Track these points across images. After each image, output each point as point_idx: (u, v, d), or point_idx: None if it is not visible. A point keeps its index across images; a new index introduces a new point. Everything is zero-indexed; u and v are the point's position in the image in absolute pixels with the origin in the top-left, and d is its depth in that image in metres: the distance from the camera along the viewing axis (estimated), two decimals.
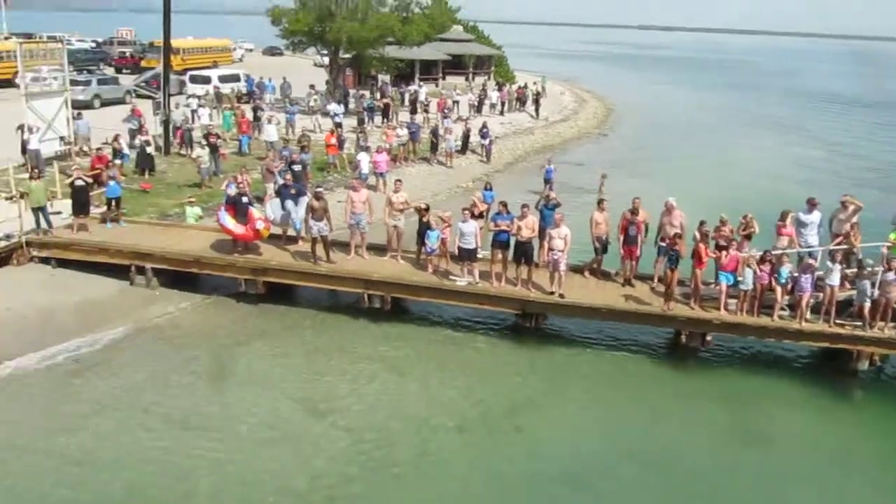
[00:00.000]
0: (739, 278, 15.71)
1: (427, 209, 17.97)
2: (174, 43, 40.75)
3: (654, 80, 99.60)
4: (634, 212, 17.11)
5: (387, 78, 49.56)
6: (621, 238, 17.21)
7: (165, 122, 29.11)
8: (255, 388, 14.53)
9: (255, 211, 18.19)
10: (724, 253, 15.86)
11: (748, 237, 16.58)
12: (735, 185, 33.02)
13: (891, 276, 15.01)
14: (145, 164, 25.72)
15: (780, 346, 16.69)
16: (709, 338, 16.32)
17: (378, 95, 42.10)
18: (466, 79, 59.12)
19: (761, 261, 15.77)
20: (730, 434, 14.07)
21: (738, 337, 16.63)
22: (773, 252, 15.99)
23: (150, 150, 26.05)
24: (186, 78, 44.71)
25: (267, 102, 40.30)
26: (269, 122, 30.30)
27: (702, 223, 16.51)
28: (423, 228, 17.55)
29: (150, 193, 23.85)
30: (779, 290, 15.63)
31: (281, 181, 19.53)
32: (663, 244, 16.99)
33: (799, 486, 12.54)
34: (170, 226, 20.69)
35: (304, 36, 42.14)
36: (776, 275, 15.65)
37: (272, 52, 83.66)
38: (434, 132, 33.20)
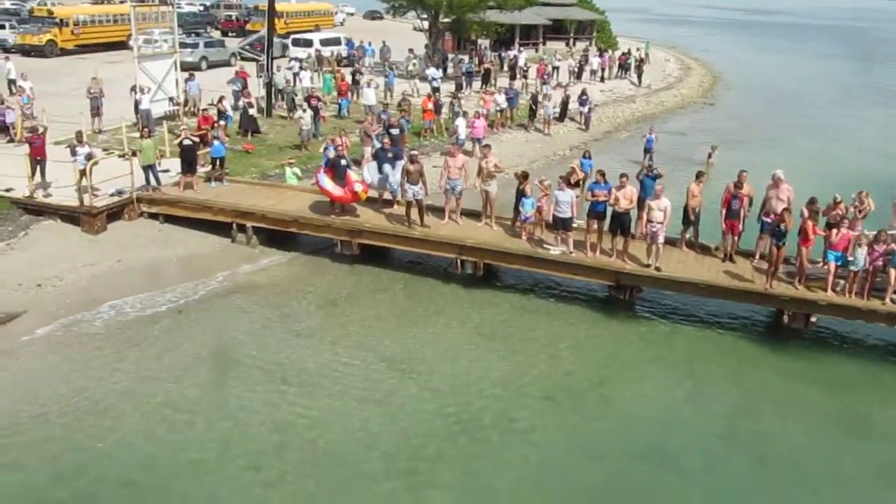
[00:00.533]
0: (850, 258, 14.92)
1: (526, 176, 17.77)
2: (278, 7, 41.41)
3: (764, 47, 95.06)
4: (739, 185, 16.45)
5: (486, 43, 49.07)
6: (724, 212, 16.58)
7: (268, 85, 29.71)
8: (348, 347, 14.82)
9: (352, 174, 18.41)
10: (834, 231, 15.07)
11: (862, 215, 15.70)
12: (848, 160, 31.38)
13: None
14: (248, 125, 26.38)
15: (891, 333, 15.80)
16: (813, 319, 15.63)
17: (476, 61, 41.77)
18: (567, 44, 58.01)
19: (875, 241, 14.90)
20: (830, 420, 13.49)
21: (845, 320, 15.87)
22: (890, 232, 15.10)
23: (252, 111, 26.66)
24: (289, 41, 45.48)
25: (366, 66, 40.62)
26: (369, 85, 30.53)
27: (811, 200, 15.74)
28: (520, 195, 17.38)
29: (253, 154, 24.49)
30: (893, 272, 14.75)
31: (378, 145, 19.66)
32: (767, 219, 16.30)
33: None
34: (270, 186, 21.20)
35: (404, 0, 42.10)
36: (890, 256, 14.76)
37: (373, 15, 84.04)
38: (534, 98, 32.73)
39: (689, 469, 11.94)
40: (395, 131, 22.97)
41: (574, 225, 16.87)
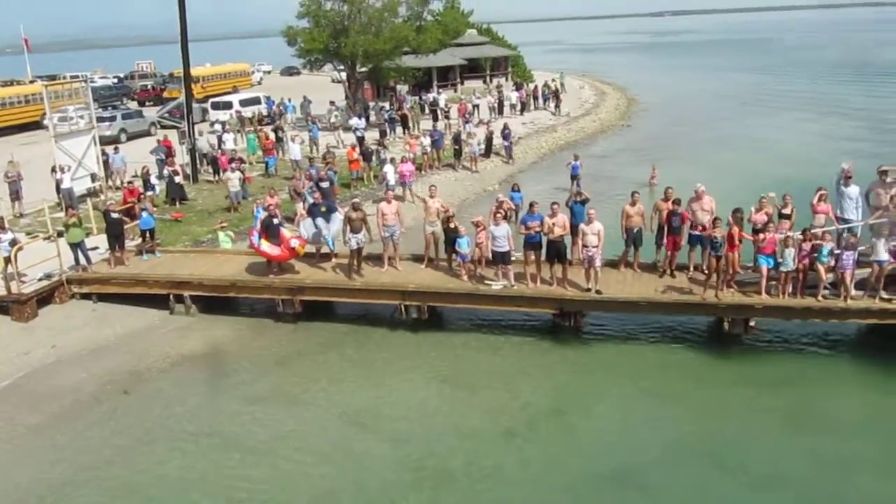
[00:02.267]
0: (779, 260, 15.44)
1: (451, 216, 17.93)
2: (193, 71, 41.24)
3: (673, 66, 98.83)
4: (676, 201, 16.90)
5: (405, 88, 49.74)
6: (666, 227, 16.98)
7: (192, 151, 29.49)
8: (300, 406, 14.60)
9: (286, 231, 18.32)
10: (761, 235, 15.59)
11: (786, 217, 16.30)
12: (766, 166, 32.59)
13: None
14: (176, 193, 26.07)
15: (827, 327, 16.35)
16: (752, 323, 16.09)
17: (396, 106, 42.23)
18: (484, 81, 59.17)
19: (802, 240, 15.46)
20: (783, 420, 13.74)
21: (782, 320, 16.37)
22: (813, 231, 15.70)
23: (178, 179, 26.36)
24: (208, 105, 45.29)
25: (289, 122, 40.68)
26: (293, 141, 30.56)
27: (735, 210, 16.26)
28: (452, 235, 17.53)
29: (183, 222, 24.17)
30: (821, 268, 15.32)
31: (311, 200, 19.64)
32: (694, 232, 16.78)
33: (862, 470, 12.20)
34: (204, 252, 20.93)
35: (319, 53, 42.43)
36: (817, 254, 15.34)
37: (290, 71, 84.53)
38: (456, 138, 33.21)
39: (655, 485, 12.01)
40: (324, 184, 23.00)
41: (512, 258, 17.06)
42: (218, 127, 35.09)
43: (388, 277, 18.03)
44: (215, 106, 44.61)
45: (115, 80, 70.00)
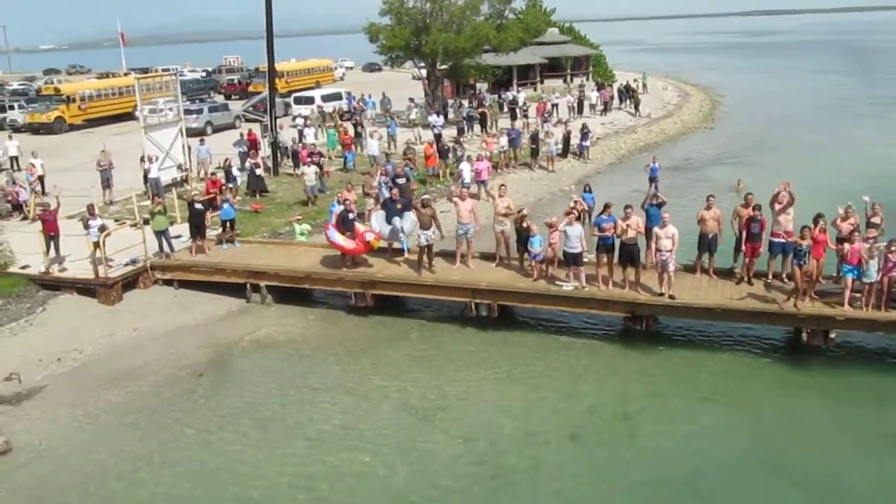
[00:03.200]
0: (864, 270, 14.85)
1: (524, 215, 17.87)
2: (278, 67, 42.24)
3: (760, 67, 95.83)
4: (757, 207, 16.46)
5: (484, 86, 49.74)
6: (744, 234, 16.57)
7: (273, 144, 30.19)
8: (369, 398, 14.81)
9: (359, 226, 18.60)
10: (846, 245, 15.04)
11: (874, 227, 15.68)
12: (854, 174, 31.26)
13: None
14: (256, 185, 26.74)
15: None
16: (832, 335, 15.52)
17: (476, 104, 42.30)
18: (564, 80, 58.65)
19: (888, 250, 14.83)
20: (857, 437, 13.20)
21: (864, 333, 15.77)
22: None
23: (259, 171, 27.04)
24: (291, 100, 46.28)
25: (368, 118, 41.22)
26: (372, 136, 30.97)
27: (818, 216, 15.72)
28: (524, 235, 17.49)
29: (262, 213, 24.78)
30: None
31: (387, 195, 19.87)
32: (777, 239, 16.29)
33: None
34: (281, 244, 21.42)
35: (401, 50, 42.88)
36: None
37: (371, 68, 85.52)
38: (534, 137, 33.04)
39: (719, 495, 11.76)
40: (401, 181, 23.22)
41: (584, 259, 16.92)
42: (300, 121, 35.80)
43: (459, 275, 18.11)
44: (298, 101, 45.53)
45: (203, 74, 72.24)
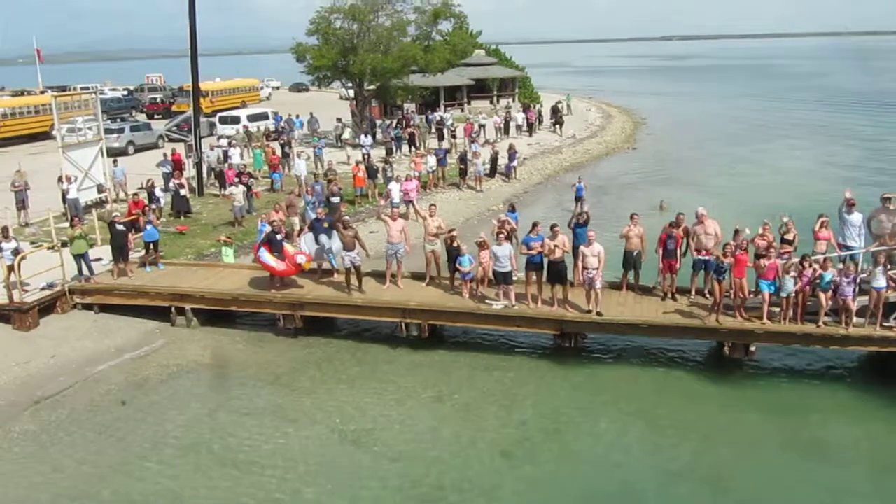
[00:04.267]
0: (781, 285, 15.41)
1: (455, 235, 17.95)
2: (202, 86, 41.53)
3: (680, 90, 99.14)
4: (675, 224, 16.95)
5: (412, 106, 49.99)
6: (660, 252, 17.04)
7: (198, 164, 29.64)
8: (299, 421, 14.56)
9: (289, 247, 18.38)
10: (763, 261, 15.59)
11: (788, 243, 16.30)
12: (768, 191, 32.68)
13: None
14: (181, 206, 26.19)
15: (828, 354, 16.31)
16: (752, 348, 16.01)
17: (403, 124, 42.45)
18: (491, 102, 59.44)
19: (801, 265, 15.45)
20: (780, 446, 13.63)
21: (782, 346, 16.33)
22: (814, 257, 15.69)
23: (184, 192, 26.49)
24: (216, 119, 45.57)
25: (295, 138, 40.90)
26: (299, 157, 30.72)
27: (737, 232, 16.28)
28: (454, 254, 17.57)
29: (187, 235, 24.24)
30: (822, 295, 15.29)
31: (313, 215, 19.70)
32: (698, 256, 16.79)
33: (856, 497, 12.17)
34: (207, 265, 20.99)
35: (328, 70, 42.74)
36: (818, 280, 15.32)
37: (298, 88, 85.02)
38: (462, 157, 33.35)
39: None
40: (335, 199, 23.07)
41: (514, 278, 17.08)
42: (224, 141, 35.26)
43: (389, 295, 18.05)
44: (223, 120, 44.90)
45: (125, 93, 70.47)
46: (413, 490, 12.46)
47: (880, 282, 14.96)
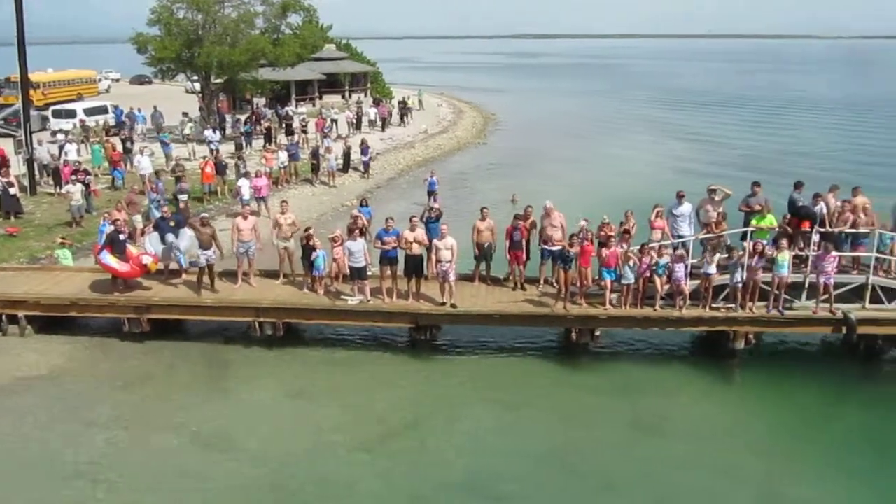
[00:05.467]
0: (621, 273, 16.31)
1: (311, 233, 17.75)
2: (32, 77, 38.87)
3: (531, 87, 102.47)
4: (521, 217, 17.54)
5: (262, 100, 48.92)
6: (507, 243, 17.59)
7: (29, 161, 27.73)
8: (147, 429, 13.98)
9: (132, 248, 17.59)
10: (604, 250, 16.43)
11: (627, 233, 17.25)
12: (612, 184, 34.41)
13: (756, 261, 15.95)
14: (11, 206, 24.45)
15: (665, 335, 17.45)
16: (597, 333, 16.89)
17: (254, 119, 41.47)
18: (343, 97, 59.08)
19: (641, 253, 16.42)
20: (626, 424, 14.44)
21: (624, 330, 17.30)
22: (650, 245, 16.69)
23: (13, 191, 24.72)
24: (49, 113, 42.75)
25: (138, 133, 39.06)
26: (143, 153, 29.35)
27: (584, 221, 17.04)
28: (308, 251, 17.40)
29: (19, 237, 22.65)
30: (658, 281, 16.33)
31: (158, 213, 18.94)
32: (546, 247, 17.47)
33: (697, 467, 13.04)
34: (42, 269, 19.71)
35: (171, 63, 41.06)
36: (655, 266, 16.33)
37: (140, 80, 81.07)
38: (314, 153, 33.00)
39: (508, 493, 12.33)
40: (183, 196, 22.26)
41: (368, 273, 17.13)
42: (60, 136, 33.12)
43: (241, 294, 17.64)
44: (57, 114, 42.09)
45: None
46: (272, 492, 12.28)
47: (710, 268, 16.15)
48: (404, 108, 51.28)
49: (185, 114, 40.86)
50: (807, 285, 16.57)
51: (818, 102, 78.81)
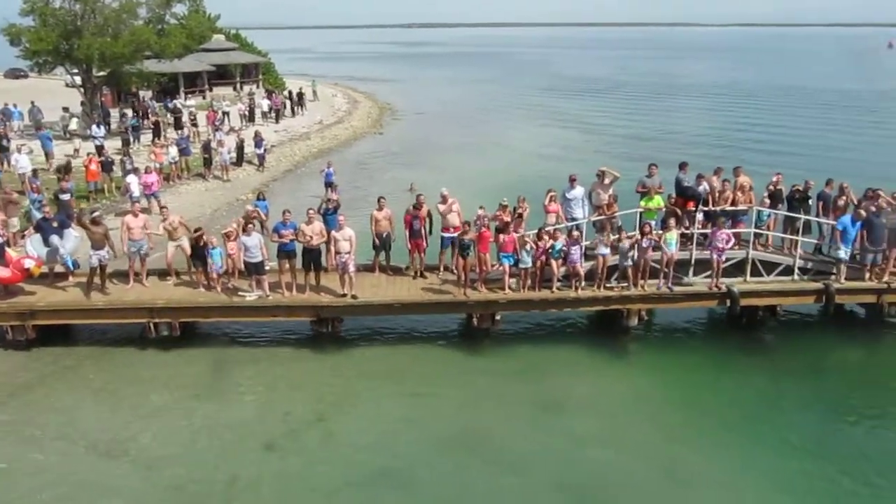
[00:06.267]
0: (518, 257, 16.64)
1: (201, 233, 17.25)
2: None
3: (425, 77, 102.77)
4: (418, 206, 17.64)
5: (149, 94, 47.25)
6: (407, 233, 17.66)
7: None
8: (36, 441, 13.35)
9: (11, 252, 16.72)
10: (501, 235, 16.71)
11: (521, 217, 17.60)
12: (506, 170, 35.06)
13: (645, 241, 16.58)
14: None
15: (563, 315, 17.96)
16: (498, 317, 17.19)
17: (141, 113, 40.01)
18: (234, 88, 57.71)
19: (538, 238, 16.80)
20: (530, 404, 14.76)
21: (524, 312, 17.66)
22: (546, 229, 17.09)
23: None
24: None
25: (15, 130, 37.03)
26: (20, 151, 27.84)
27: (480, 209, 17.28)
28: (201, 251, 16.95)
29: None
30: (554, 264, 16.75)
31: (39, 214, 18.05)
32: (444, 234, 17.64)
33: (600, 441, 13.50)
34: None
35: (48, 55, 38.93)
36: (550, 250, 16.73)
37: (15, 74, 76.62)
38: (206, 146, 32.12)
39: (417, 481, 12.43)
40: (65, 196, 21.27)
41: (266, 267, 16.86)
42: None
43: (134, 295, 17.05)
44: None
45: None
46: (174, 496, 11.98)
47: (602, 248, 16.69)
48: (298, 100, 50.48)
49: (65, 109, 39.03)
50: (693, 262, 17.36)
51: (704, 88, 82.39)
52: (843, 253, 17.08)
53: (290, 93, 52.35)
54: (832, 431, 13.87)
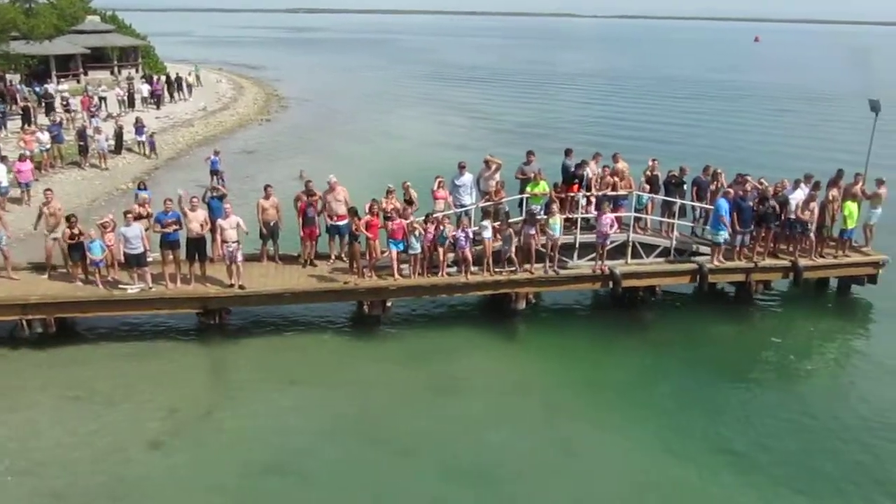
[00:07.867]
0: (408, 244, 16.73)
1: (75, 221, 16.50)
2: None
3: (310, 62, 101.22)
4: (310, 193, 17.45)
5: (17, 77, 44.58)
6: (300, 220, 17.44)
7: None
8: None
9: None
10: (389, 223, 16.75)
11: (409, 203, 17.70)
12: (394, 157, 35.23)
13: (529, 228, 17.02)
14: None
15: (453, 300, 18.21)
16: (389, 304, 17.25)
17: (8, 98, 37.73)
18: (112, 72, 55.22)
19: (426, 223, 16.93)
20: (423, 389, 14.94)
21: (414, 298, 17.79)
22: (434, 215, 17.24)
23: None
24: None
25: None
26: None
27: (373, 201, 17.22)
28: (78, 243, 16.20)
29: None
30: (441, 250, 16.94)
31: None
32: (332, 222, 17.55)
33: (493, 422, 13.76)
34: None
35: None
36: (438, 236, 16.90)
37: None
38: (81, 133, 30.59)
39: (311, 469, 12.37)
40: None
41: (149, 259, 16.31)
42: None
43: (3, 290, 16.14)
44: None
45: None
46: (54, 502, 11.47)
47: (487, 233, 17.01)
48: (177, 85, 48.75)
49: None
50: (577, 245, 17.92)
51: (583, 77, 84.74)
52: (722, 236, 18.00)
53: (167, 77, 50.50)
54: (708, 396, 14.84)
